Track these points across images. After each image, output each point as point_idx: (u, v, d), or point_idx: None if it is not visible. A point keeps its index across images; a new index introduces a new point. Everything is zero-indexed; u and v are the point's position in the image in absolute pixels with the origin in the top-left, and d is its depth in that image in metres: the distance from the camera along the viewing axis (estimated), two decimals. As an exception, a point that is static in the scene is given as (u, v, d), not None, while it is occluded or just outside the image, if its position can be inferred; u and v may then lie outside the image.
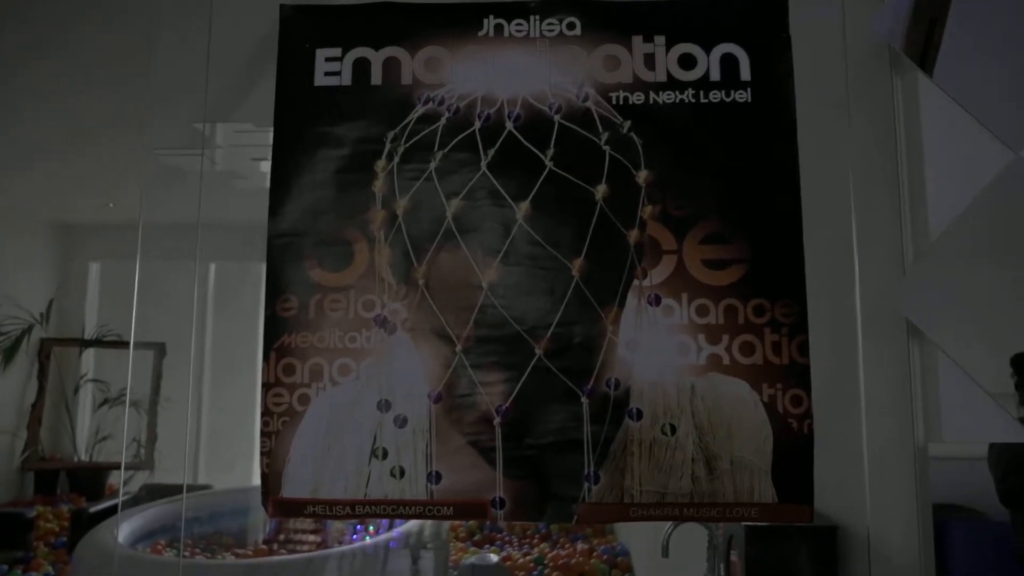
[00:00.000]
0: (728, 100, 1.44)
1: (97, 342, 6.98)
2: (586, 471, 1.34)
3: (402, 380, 1.38)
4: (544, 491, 1.35)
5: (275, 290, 1.41)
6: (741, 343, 1.36)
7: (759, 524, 1.60)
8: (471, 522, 5.60)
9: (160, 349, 6.94)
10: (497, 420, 1.35)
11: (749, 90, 1.44)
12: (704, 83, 1.46)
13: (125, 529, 4.37)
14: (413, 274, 1.40)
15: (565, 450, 1.35)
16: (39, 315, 6.63)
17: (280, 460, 1.36)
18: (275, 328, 1.40)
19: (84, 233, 7.13)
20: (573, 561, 4.60)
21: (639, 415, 1.35)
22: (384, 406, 1.37)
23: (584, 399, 1.36)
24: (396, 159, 1.45)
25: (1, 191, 5.88)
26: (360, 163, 1.46)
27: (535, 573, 4.55)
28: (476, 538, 5.44)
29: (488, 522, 5.04)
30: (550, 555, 4.85)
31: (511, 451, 1.35)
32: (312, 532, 5.29)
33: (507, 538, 5.44)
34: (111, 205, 6.32)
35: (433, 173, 1.44)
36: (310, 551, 4.70)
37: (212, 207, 6.83)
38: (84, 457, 6.89)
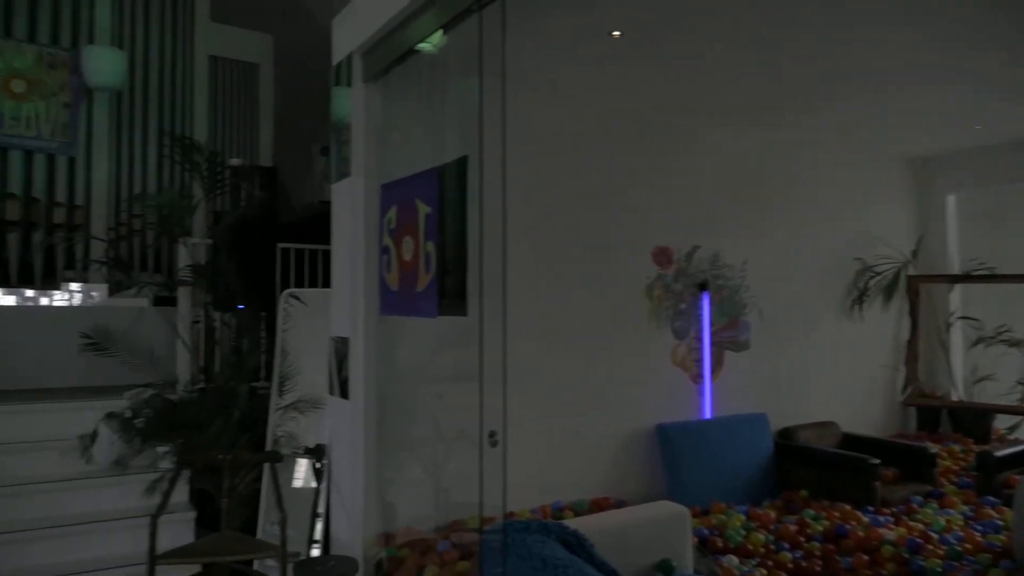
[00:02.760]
0: None
1: (965, 277, 6.61)
2: None
3: None
4: None
5: None
6: None
7: None
8: None
9: (1043, 282, 6.12)
10: None
11: None
12: None
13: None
14: None
15: None
16: (910, 253, 6.68)
17: None
18: None
19: (938, 165, 6.85)
20: None
21: None
22: None
23: None
24: None
25: (857, 126, 6.01)
26: None
27: None
28: None
29: None
30: None
31: None
32: None
33: None
34: (978, 127, 5.82)
35: None
36: None
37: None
38: (962, 396, 6.65)
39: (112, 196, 6.57)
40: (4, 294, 5.68)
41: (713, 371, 5.33)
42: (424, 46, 3.26)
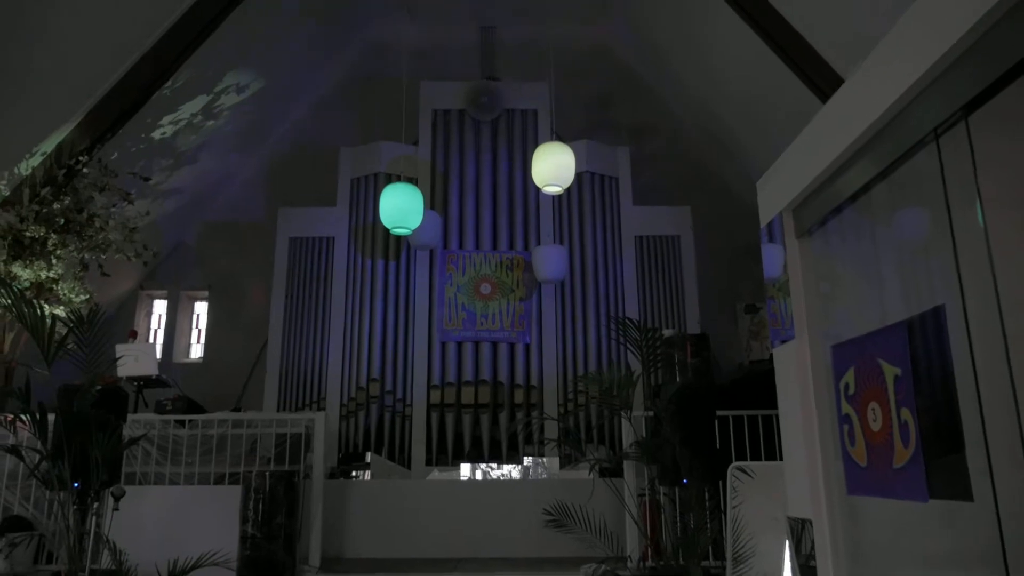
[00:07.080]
0: None
1: None
2: None
3: None
4: None
5: None
6: None
7: None
8: None
9: None
10: None
11: None
12: None
13: None
14: None
15: None
16: None
17: None
18: None
19: None
20: None
21: None
22: None
23: None
24: None
25: None
26: None
27: None
28: None
29: None
30: None
31: None
32: None
33: None
34: None
35: None
36: None
37: None
38: None
39: (560, 376, 7.25)
40: (471, 470, 6.39)
41: None
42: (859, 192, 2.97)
